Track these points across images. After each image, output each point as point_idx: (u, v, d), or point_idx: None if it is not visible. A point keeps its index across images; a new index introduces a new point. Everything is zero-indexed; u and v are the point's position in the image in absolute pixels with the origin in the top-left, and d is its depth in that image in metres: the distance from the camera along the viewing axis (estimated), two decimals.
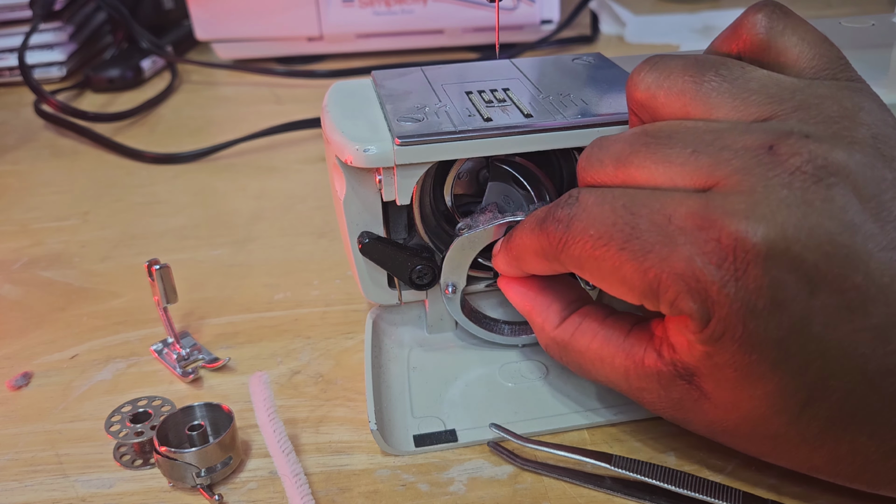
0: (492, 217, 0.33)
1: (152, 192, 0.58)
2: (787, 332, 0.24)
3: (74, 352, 0.41)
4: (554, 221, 0.28)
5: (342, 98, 0.35)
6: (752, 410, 0.26)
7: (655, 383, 0.27)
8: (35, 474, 0.33)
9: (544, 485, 0.31)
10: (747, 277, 0.23)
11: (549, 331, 0.31)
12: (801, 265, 0.23)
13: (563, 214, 0.27)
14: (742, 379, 0.25)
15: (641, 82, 0.28)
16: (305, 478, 0.31)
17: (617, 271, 0.25)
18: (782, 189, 0.23)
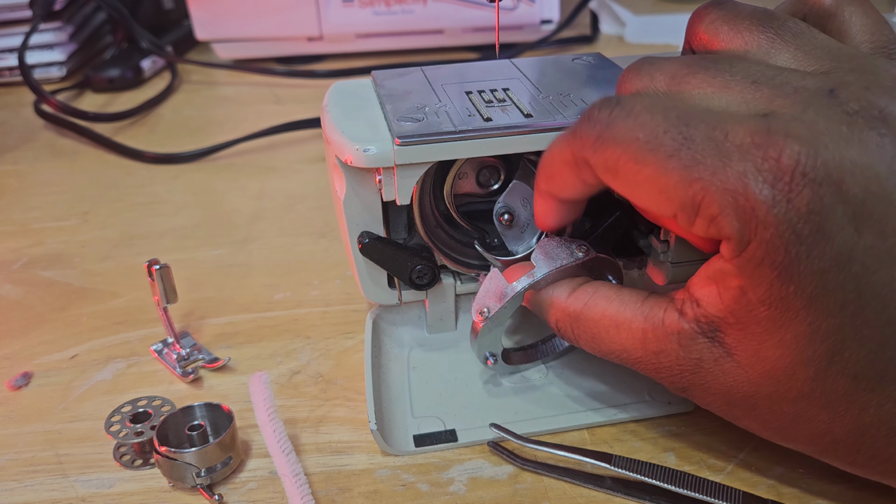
0: (502, 292, 0.32)
1: (152, 192, 0.58)
2: (828, 263, 0.23)
3: (74, 352, 0.41)
4: (590, 121, 0.26)
5: (342, 98, 0.35)
6: (777, 362, 0.25)
7: (675, 344, 0.27)
8: (35, 474, 0.33)
9: (544, 485, 0.31)
10: (799, 200, 0.23)
11: (561, 302, 0.30)
12: (850, 199, 0.23)
13: (601, 115, 0.26)
14: (773, 319, 0.24)
15: (707, 16, 0.28)
16: (305, 478, 0.31)
17: (657, 179, 0.25)
18: (841, 126, 0.23)
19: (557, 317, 0.31)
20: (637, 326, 0.28)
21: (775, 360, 0.25)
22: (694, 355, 0.27)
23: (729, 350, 0.26)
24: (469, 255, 0.37)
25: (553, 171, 0.29)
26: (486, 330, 0.33)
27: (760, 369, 0.25)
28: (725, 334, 0.26)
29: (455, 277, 0.37)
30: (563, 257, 0.31)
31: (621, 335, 0.29)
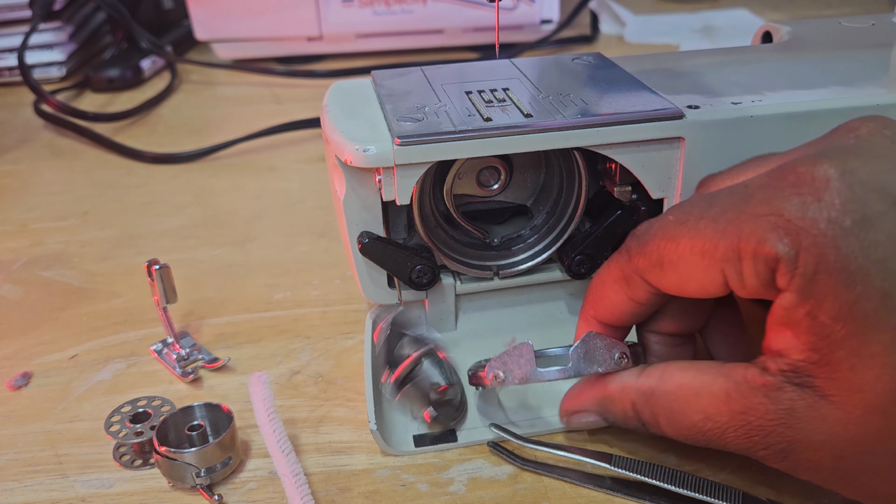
0: (527, 374, 0.31)
1: (152, 192, 0.58)
2: (884, 251, 0.22)
3: (74, 352, 0.41)
4: (632, 236, 0.28)
5: (342, 98, 0.35)
6: (876, 386, 0.22)
7: (762, 398, 0.25)
8: (35, 474, 0.33)
9: (544, 485, 0.31)
10: (829, 196, 0.23)
11: (632, 383, 0.29)
12: (883, 187, 0.23)
13: (641, 227, 0.28)
14: (853, 334, 0.22)
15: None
16: (305, 478, 0.31)
17: (695, 244, 0.25)
18: (848, 140, 0.25)
19: (632, 399, 0.29)
20: (719, 387, 0.26)
21: (873, 384, 0.23)
22: (784, 405, 0.24)
23: (822, 392, 0.24)
24: (469, 255, 0.37)
25: (602, 293, 0.30)
26: (490, 390, 0.33)
27: (861, 402, 0.23)
28: (814, 377, 0.24)
29: (455, 277, 0.37)
30: (602, 362, 0.30)
31: (702, 401, 0.26)
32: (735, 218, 0.25)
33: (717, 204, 0.26)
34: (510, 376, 0.30)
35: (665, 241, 0.27)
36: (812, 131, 0.32)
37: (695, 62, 0.38)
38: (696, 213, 0.26)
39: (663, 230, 0.27)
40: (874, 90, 0.33)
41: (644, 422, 0.29)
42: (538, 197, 0.37)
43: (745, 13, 0.92)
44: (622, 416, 0.30)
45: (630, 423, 0.29)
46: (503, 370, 0.31)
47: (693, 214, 0.26)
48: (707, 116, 0.31)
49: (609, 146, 0.32)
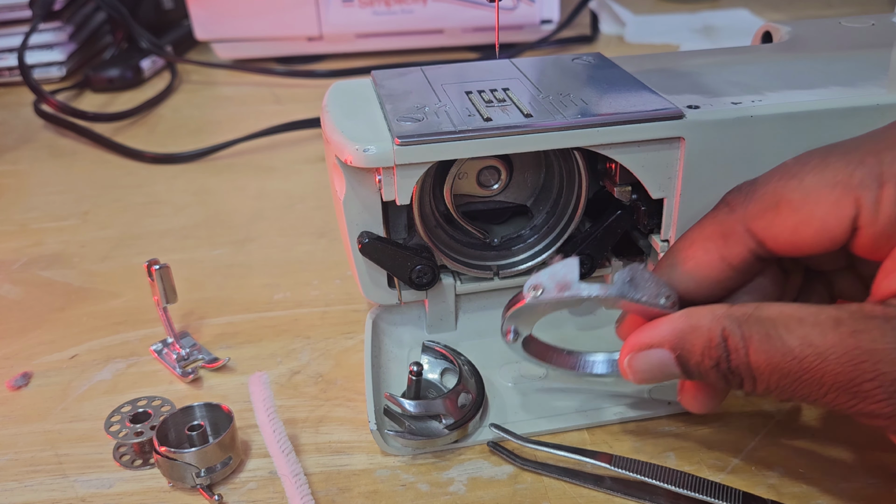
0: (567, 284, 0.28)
1: (152, 192, 0.58)
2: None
3: (74, 352, 0.41)
4: (732, 192, 0.28)
5: (342, 98, 0.35)
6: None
7: (881, 323, 0.23)
8: (35, 474, 0.33)
9: (544, 485, 0.31)
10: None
11: (723, 310, 0.26)
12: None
13: (741, 185, 0.28)
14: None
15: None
16: (305, 478, 0.31)
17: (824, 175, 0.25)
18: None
19: (723, 324, 0.25)
20: (827, 315, 0.24)
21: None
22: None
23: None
24: (469, 255, 0.37)
25: (686, 254, 0.28)
26: (527, 309, 0.29)
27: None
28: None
29: (455, 277, 0.37)
30: (648, 292, 0.27)
31: (805, 327, 0.24)
32: (874, 148, 0.24)
33: (841, 145, 0.25)
34: (549, 287, 0.28)
35: (785, 179, 0.26)
36: (812, 131, 0.32)
37: (695, 62, 0.37)
38: (819, 154, 0.25)
39: (781, 172, 0.26)
40: (874, 90, 0.33)
41: (730, 350, 0.25)
42: (538, 197, 0.37)
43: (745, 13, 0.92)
44: (702, 349, 0.26)
45: (707, 361, 0.26)
46: (542, 284, 0.28)
47: (815, 155, 0.25)
48: (707, 116, 0.31)
49: (609, 146, 0.32)
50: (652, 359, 0.27)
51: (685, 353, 0.26)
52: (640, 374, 0.28)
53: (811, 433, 0.33)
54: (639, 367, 0.27)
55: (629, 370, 0.28)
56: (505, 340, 0.31)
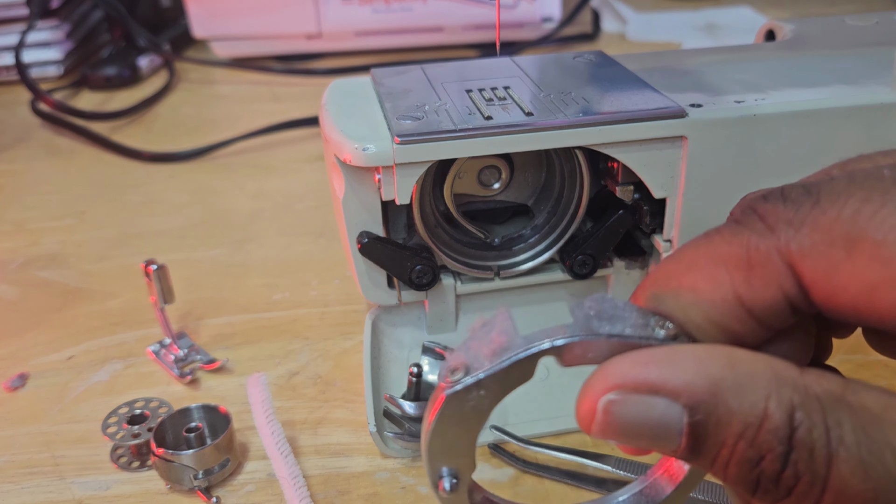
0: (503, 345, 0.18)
1: (149, 191, 0.58)
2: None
3: (71, 353, 0.40)
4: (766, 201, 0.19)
5: (341, 96, 0.35)
6: None
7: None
8: (31, 476, 0.33)
9: (545, 487, 0.31)
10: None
11: (793, 375, 0.16)
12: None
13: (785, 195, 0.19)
14: None
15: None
16: (304, 480, 0.31)
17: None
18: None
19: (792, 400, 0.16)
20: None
21: None
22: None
23: None
24: (470, 255, 0.36)
25: (684, 280, 0.18)
26: (450, 410, 0.18)
27: None
28: None
29: (455, 277, 0.37)
30: (631, 323, 0.18)
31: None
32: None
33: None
34: (476, 359, 0.18)
35: (870, 203, 0.16)
36: (815, 130, 0.32)
37: (697, 60, 0.37)
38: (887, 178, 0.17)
39: (861, 186, 0.17)
40: (878, 89, 0.33)
41: (796, 445, 0.15)
42: (539, 196, 0.37)
43: (747, 11, 0.92)
44: (744, 427, 0.16)
45: (745, 450, 0.16)
46: (462, 360, 0.18)
47: (883, 179, 0.17)
48: (710, 115, 0.31)
49: (611, 145, 0.31)
50: (648, 411, 0.16)
51: (709, 423, 0.16)
52: (613, 427, 0.17)
53: None
54: (620, 417, 0.17)
55: (602, 414, 0.17)
56: (437, 495, 0.20)
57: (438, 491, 0.19)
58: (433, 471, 0.19)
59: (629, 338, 0.18)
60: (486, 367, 0.17)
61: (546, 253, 0.36)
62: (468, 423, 0.18)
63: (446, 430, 0.18)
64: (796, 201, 0.18)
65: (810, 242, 0.17)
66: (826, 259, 0.17)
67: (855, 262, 0.16)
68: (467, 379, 0.18)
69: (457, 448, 0.19)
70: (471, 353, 0.18)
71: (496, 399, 0.18)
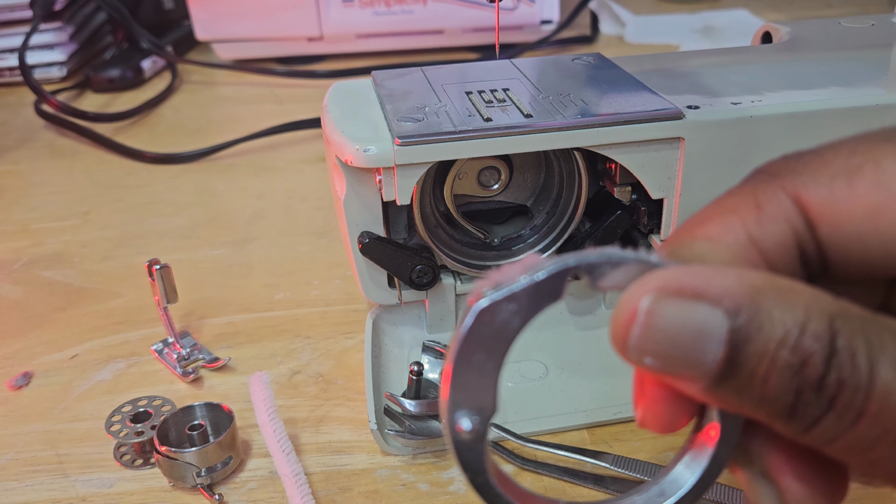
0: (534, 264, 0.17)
1: (152, 192, 0.58)
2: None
3: (74, 352, 0.41)
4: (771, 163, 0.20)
5: (342, 98, 0.35)
6: None
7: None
8: (35, 474, 0.33)
9: (544, 485, 0.31)
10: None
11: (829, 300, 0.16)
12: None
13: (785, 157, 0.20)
14: None
15: None
16: (305, 477, 0.31)
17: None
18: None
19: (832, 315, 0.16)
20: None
21: None
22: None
23: None
24: (469, 255, 0.37)
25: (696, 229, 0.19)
26: (480, 324, 0.17)
27: None
28: None
29: (455, 277, 0.37)
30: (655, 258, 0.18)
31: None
32: None
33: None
34: (508, 277, 0.17)
35: (865, 144, 0.18)
36: (812, 131, 0.32)
37: (695, 62, 0.38)
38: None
39: (852, 141, 0.18)
40: (874, 90, 0.33)
41: (838, 352, 0.15)
42: (538, 197, 0.37)
43: (744, 13, 0.92)
44: (786, 333, 0.15)
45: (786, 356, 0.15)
46: (496, 276, 0.17)
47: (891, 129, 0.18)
48: (707, 117, 0.31)
49: (609, 146, 0.32)
50: (691, 315, 0.16)
51: (751, 327, 0.15)
52: (653, 331, 0.16)
53: None
54: (662, 320, 0.16)
55: (645, 315, 0.16)
56: (454, 437, 0.18)
57: (456, 432, 0.18)
58: (454, 405, 0.17)
59: (656, 264, 0.17)
60: (520, 281, 0.17)
61: (545, 253, 0.36)
62: (495, 347, 0.17)
63: (472, 355, 0.17)
64: (796, 154, 0.19)
65: (813, 179, 0.18)
66: (829, 190, 0.18)
67: (856, 189, 0.17)
68: (502, 291, 0.17)
69: (480, 381, 0.17)
70: (500, 275, 0.17)
71: (526, 317, 0.17)
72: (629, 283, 0.17)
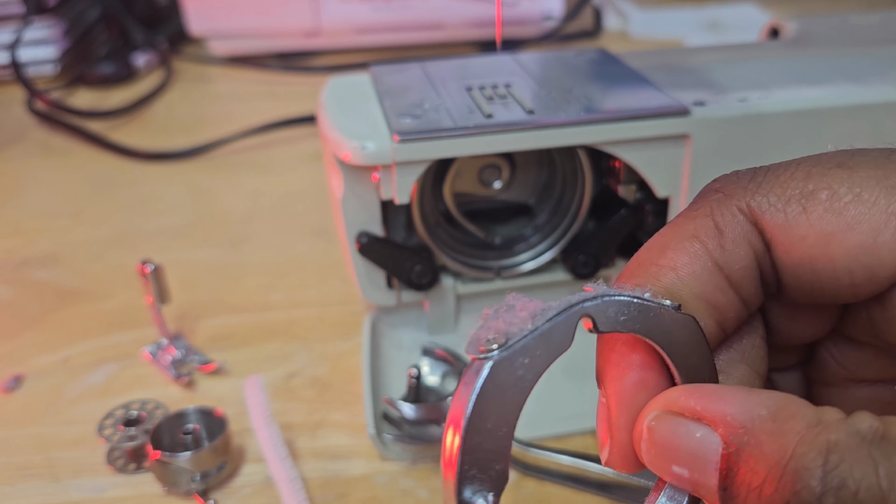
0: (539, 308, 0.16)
1: (146, 190, 0.58)
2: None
3: (66, 354, 0.40)
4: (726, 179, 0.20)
5: (340, 94, 0.35)
6: None
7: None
8: (26, 479, 0.32)
9: (547, 491, 0.31)
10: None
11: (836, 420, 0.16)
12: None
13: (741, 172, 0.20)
14: None
15: None
16: (302, 483, 0.30)
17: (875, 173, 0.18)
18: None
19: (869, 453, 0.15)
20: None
21: None
22: None
23: None
24: (470, 255, 0.36)
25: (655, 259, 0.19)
26: (492, 383, 0.16)
27: None
28: None
29: (455, 278, 0.36)
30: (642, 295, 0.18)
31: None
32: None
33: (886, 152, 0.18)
34: (514, 325, 0.16)
35: (821, 167, 0.18)
36: (820, 128, 0.32)
37: (701, 58, 0.37)
38: (862, 152, 0.19)
39: (808, 162, 0.18)
40: (882, 87, 0.33)
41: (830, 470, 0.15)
42: (541, 195, 0.37)
43: (751, 8, 0.91)
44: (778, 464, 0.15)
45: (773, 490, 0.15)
46: (499, 325, 0.16)
47: (857, 153, 0.18)
48: (713, 113, 0.31)
49: (613, 143, 0.31)
50: (688, 433, 0.17)
51: (741, 456, 0.16)
52: (656, 444, 0.17)
53: None
54: (661, 435, 0.17)
55: (647, 431, 0.17)
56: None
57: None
58: (465, 481, 0.15)
59: (648, 301, 0.17)
60: (530, 330, 0.15)
61: (548, 253, 0.36)
62: (509, 408, 0.16)
63: (485, 419, 0.15)
64: (749, 172, 0.19)
65: (768, 202, 0.18)
66: (784, 214, 0.18)
67: (810, 214, 0.18)
68: (515, 342, 0.15)
69: (493, 449, 0.15)
70: (502, 325, 0.15)
71: (539, 371, 0.16)
72: (628, 327, 0.17)
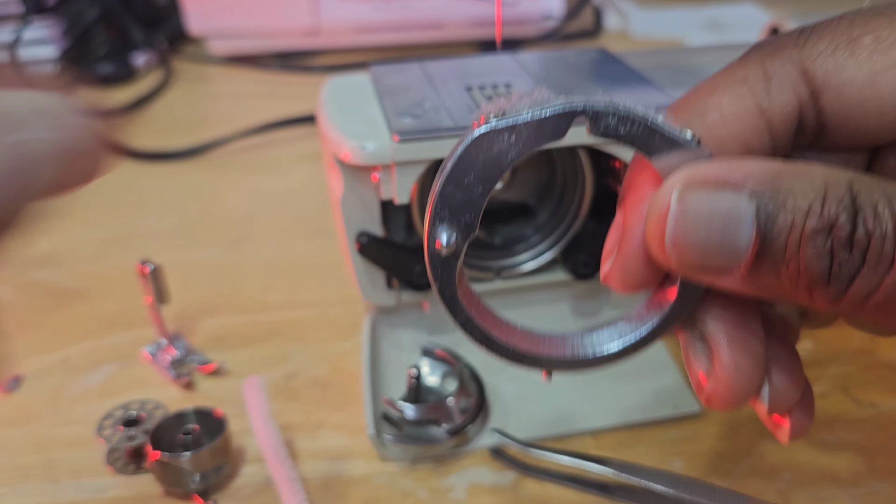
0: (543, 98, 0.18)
1: (144, 190, 0.57)
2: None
3: (65, 354, 0.40)
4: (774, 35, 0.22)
5: (339, 94, 0.34)
6: None
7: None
8: (25, 479, 0.32)
9: (547, 492, 0.31)
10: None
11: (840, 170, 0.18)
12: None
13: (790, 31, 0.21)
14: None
15: None
16: (301, 484, 0.30)
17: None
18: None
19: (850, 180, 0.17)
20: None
21: None
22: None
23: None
24: (470, 255, 0.36)
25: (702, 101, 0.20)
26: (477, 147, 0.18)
27: None
28: None
29: None
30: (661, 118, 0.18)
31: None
32: None
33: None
34: (515, 107, 0.18)
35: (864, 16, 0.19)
36: None
37: (701, 58, 0.37)
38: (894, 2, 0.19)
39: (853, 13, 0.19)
40: None
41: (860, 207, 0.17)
42: (541, 195, 0.37)
43: (752, 8, 0.91)
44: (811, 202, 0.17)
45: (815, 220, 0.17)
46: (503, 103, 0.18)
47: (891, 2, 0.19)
48: None
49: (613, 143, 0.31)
50: (719, 202, 0.17)
51: (777, 203, 0.17)
52: (687, 227, 0.17)
53: (820, 438, 0.32)
54: (692, 211, 0.17)
55: (678, 203, 0.17)
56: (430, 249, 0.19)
57: (434, 246, 0.19)
58: (436, 219, 0.18)
59: (661, 126, 0.18)
60: (526, 113, 0.18)
61: (548, 253, 0.36)
62: (487, 172, 0.18)
63: (464, 174, 0.18)
64: (797, 30, 0.20)
65: (817, 50, 0.20)
66: (833, 60, 0.19)
67: (858, 56, 0.19)
68: (505, 120, 0.17)
69: (466, 201, 0.18)
70: (508, 103, 0.18)
71: (523, 150, 0.18)
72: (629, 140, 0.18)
